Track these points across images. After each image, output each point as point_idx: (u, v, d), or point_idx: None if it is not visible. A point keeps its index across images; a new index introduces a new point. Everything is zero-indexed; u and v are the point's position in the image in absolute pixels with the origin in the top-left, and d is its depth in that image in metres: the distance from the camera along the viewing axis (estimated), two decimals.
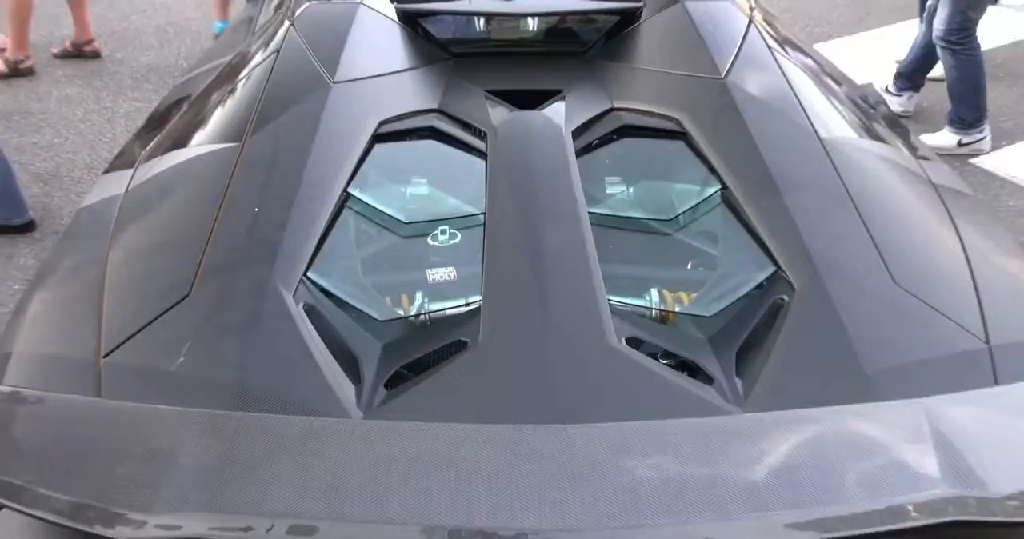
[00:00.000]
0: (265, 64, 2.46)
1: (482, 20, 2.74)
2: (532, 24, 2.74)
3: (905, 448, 1.38)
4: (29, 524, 1.57)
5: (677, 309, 1.92)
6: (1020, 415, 1.50)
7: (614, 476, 1.33)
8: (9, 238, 4.13)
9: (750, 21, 2.56)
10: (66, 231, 2.20)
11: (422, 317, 1.90)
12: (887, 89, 5.27)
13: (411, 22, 2.61)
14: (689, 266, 2.03)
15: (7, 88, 5.66)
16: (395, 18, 2.60)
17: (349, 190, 2.08)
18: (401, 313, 1.90)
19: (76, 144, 5.00)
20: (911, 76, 5.20)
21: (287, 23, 2.58)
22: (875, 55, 5.94)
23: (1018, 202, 4.41)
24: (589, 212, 1.99)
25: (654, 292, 1.95)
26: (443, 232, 2.07)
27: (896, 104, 5.17)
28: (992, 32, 5.03)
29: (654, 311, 1.92)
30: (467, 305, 1.89)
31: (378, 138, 2.22)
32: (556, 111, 2.31)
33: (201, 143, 2.29)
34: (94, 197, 2.28)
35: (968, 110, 4.81)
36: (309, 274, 1.87)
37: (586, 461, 1.34)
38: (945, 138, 4.77)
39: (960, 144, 4.77)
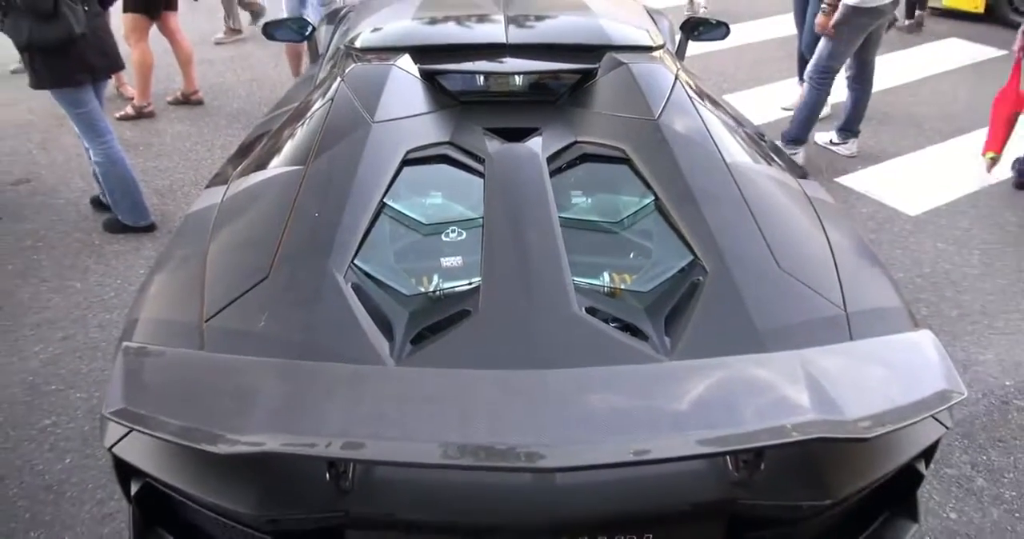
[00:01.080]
0: (323, 109, 2.45)
1: (482, 77, 2.73)
2: (518, 80, 2.74)
3: (785, 385, 1.39)
4: (151, 443, 1.59)
5: (623, 287, 1.92)
6: (868, 361, 1.51)
7: (577, 407, 1.34)
8: (137, 237, 4.13)
9: (675, 78, 2.55)
10: (177, 231, 2.19)
11: (437, 293, 1.90)
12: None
13: (430, 78, 2.60)
14: (631, 256, 2.03)
15: (135, 127, 5.64)
16: (419, 75, 2.60)
17: (385, 200, 2.08)
18: (422, 290, 1.90)
19: (185, 168, 4.98)
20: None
21: (339, 79, 2.57)
22: (767, 103, 5.96)
23: (869, 209, 4.43)
24: (559, 217, 2.00)
25: (606, 274, 1.95)
26: (453, 231, 2.07)
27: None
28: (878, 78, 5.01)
29: (606, 288, 1.93)
30: (470, 284, 1.89)
31: (406, 162, 2.22)
32: (535, 143, 2.31)
33: (276, 166, 2.28)
34: (198, 205, 2.27)
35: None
36: (355, 261, 1.87)
37: (557, 396, 1.35)
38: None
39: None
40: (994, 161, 4.52)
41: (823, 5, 4.50)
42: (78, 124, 3.86)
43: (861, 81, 4.88)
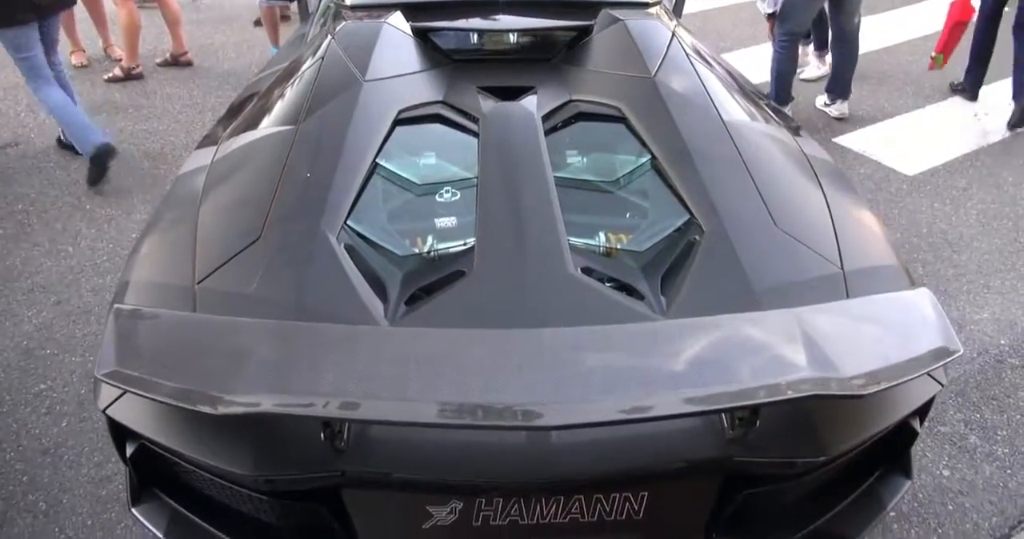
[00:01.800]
0: (313, 67, 2.41)
1: (476, 34, 2.69)
2: (512, 37, 2.69)
3: (781, 343, 1.38)
4: (145, 404, 1.58)
5: (618, 246, 1.91)
6: (864, 319, 1.50)
7: (571, 365, 1.34)
8: (129, 201, 4.09)
9: (672, 35, 2.51)
10: (168, 193, 2.16)
11: (431, 253, 1.89)
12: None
13: (423, 36, 2.56)
14: (627, 215, 2.01)
15: (123, 89, 5.56)
16: (410, 33, 2.55)
17: (377, 160, 2.05)
18: (416, 250, 1.89)
19: (176, 130, 4.92)
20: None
21: (329, 37, 2.52)
22: (764, 63, 5.88)
23: (866, 170, 4.41)
24: (554, 176, 1.98)
25: (601, 234, 1.94)
26: (447, 191, 2.05)
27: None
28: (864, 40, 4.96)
29: (601, 248, 1.91)
30: (464, 245, 1.88)
31: (398, 122, 2.19)
32: (530, 102, 2.28)
33: (267, 126, 2.25)
34: (188, 167, 2.25)
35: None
36: (348, 222, 1.86)
37: (551, 355, 1.34)
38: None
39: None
40: (935, 61, 4.85)
41: None
42: (21, 68, 3.89)
43: (842, 43, 4.82)
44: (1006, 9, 4.87)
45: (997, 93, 5.26)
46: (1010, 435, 2.70)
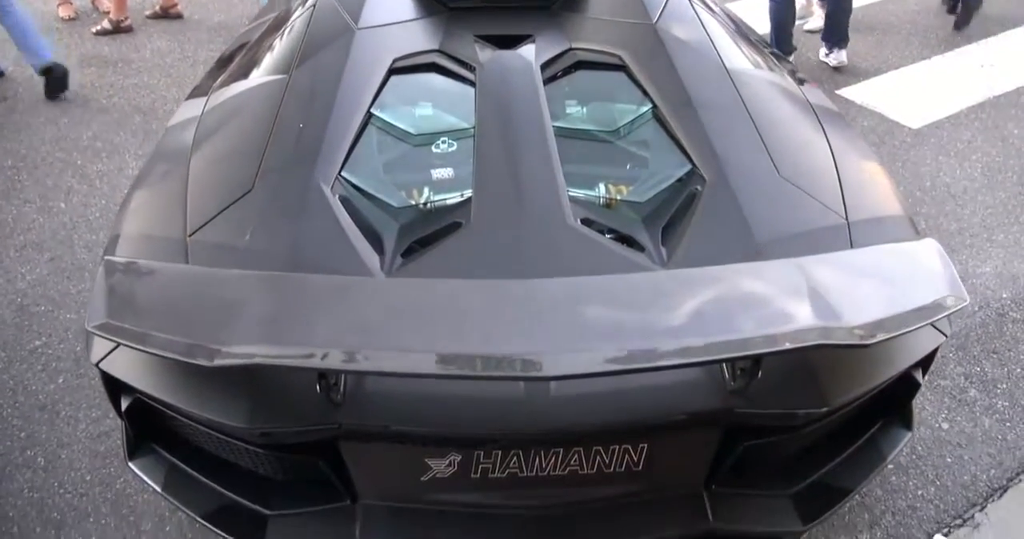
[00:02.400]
0: (305, 16, 2.35)
1: None
2: None
3: (784, 293, 1.36)
4: (139, 358, 1.57)
5: (618, 197, 1.88)
6: (868, 270, 1.47)
7: (570, 315, 1.31)
8: (120, 157, 4.03)
9: None
10: (158, 145, 2.12)
11: (428, 205, 1.86)
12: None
13: None
14: (628, 166, 1.98)
15: (112, 42, 5.46)
16: None
17: (372, 111, 2.01)
18: (412, 202, 1.86)
19: (166, 84, 4.84)
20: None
21: None
22: (766, 12, 5.78)
23: (869, 122, 4.35)
24: (553, 126, 1.94)
25: (601, 185, 1.91)
26: (443, 142, 2.01)
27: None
28: None
29: (601, 199, 1.88)
30: (461, 196, 1.85)
31: (393, 71, 2.14)
32: (528, 50, 2.23)
33: (258, 76, 2.20)
34: (177, 118, 2.21)
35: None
36: (342, 173, 1.82)
37: (548, 304, 1.32)
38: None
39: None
40: None
41: None
42: None
43: None
44: None
45: (1004, 45, 5.17)
46: (1010, 388, 2.70)
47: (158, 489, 1.73)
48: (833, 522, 2.34)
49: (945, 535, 2.29)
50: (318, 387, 1.40)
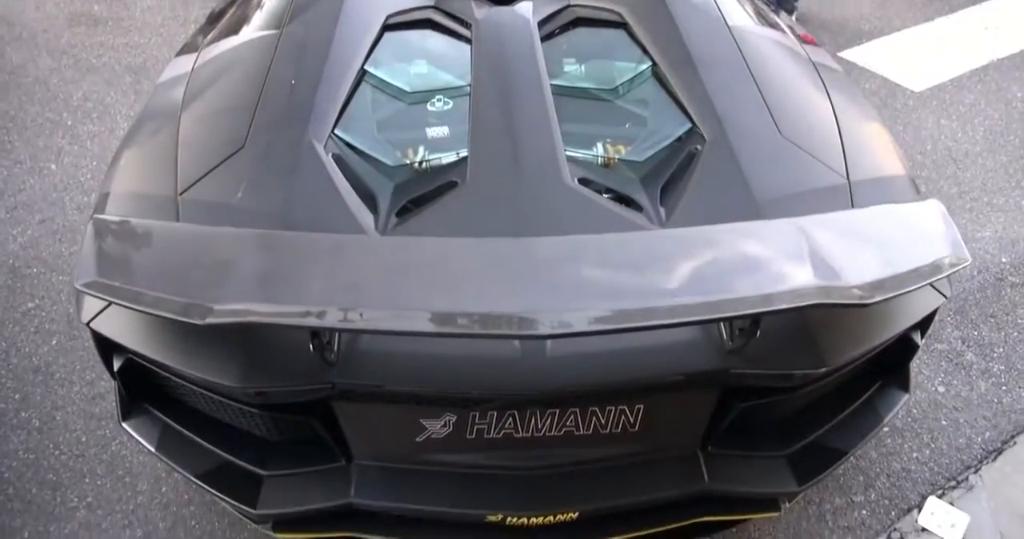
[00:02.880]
0: None
1: None
2: None
3: (783, 252, 1.34)
4: (130, 317, 1.55)
5: (617, 157, 1.86)
6: (868, 229, 1.45)
7: (566, 273, 1.29)
8: (112, 118, 3.98)
9: None
10: (147, 102, 2.08)
11: (423, 164, 1.83)
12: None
13: None
14: (627, 124, 1.95)
15: (102, 0, 5.35)
16: None
17: (365, 67, 1.97)
18: (407, 161, 1.83)
19: (157, 44, 4.75)
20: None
21: None
22: None
23: (872, 85, 4.30)
24: (550, 84, 1.90)
25: (600, 144, 1.88)
26: (438, 100, 1.97)
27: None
28: None
29: (599, 158, 1.86)
30: (457, 155, 1.82)
31: (387, 28, 2.10)
32: (525, 7, 2.18)
33: (249, 31, 2.16)
34: (167, 75, 2.16)
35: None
36: (336, 131, 1.79)
37: (544, 263, 1.30)
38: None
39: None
40: None
41: None
42: None
43: None
44: None
45: (1008, 7, 5.10)
46: (1007, 352, 2.71)
47: (152, 449, 1.73)
48: (828, 483, 2.35)
49: (939, 497, 2.31)
50: (311, 346, 1.38)
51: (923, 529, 2.24)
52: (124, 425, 1.75)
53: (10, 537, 2.22)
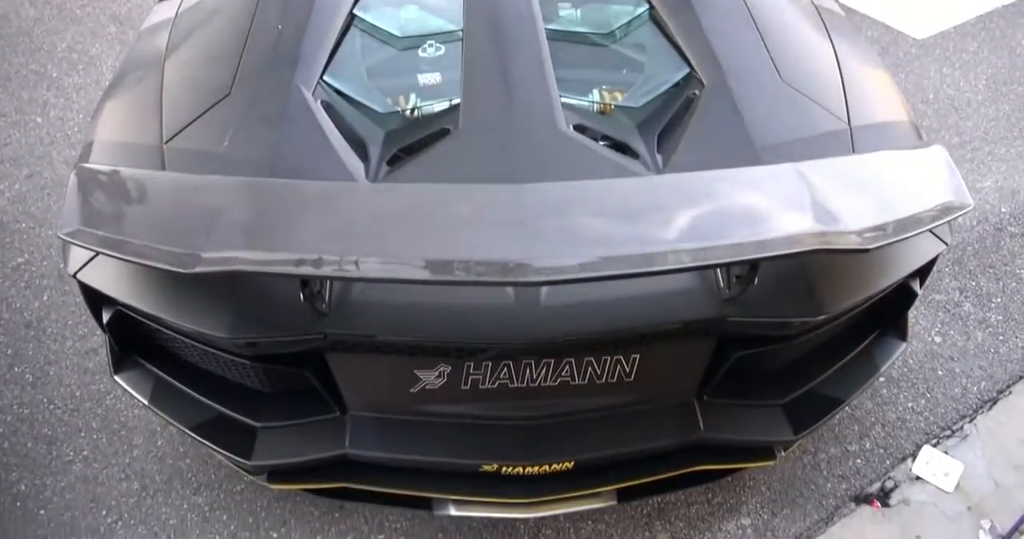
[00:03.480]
0: None
1: None
2: None
3: (781, 198, 1.31)
4: (118, 268, 1.53)
5: (613, 103, 1.82)
6: (869, 175, 1.42)
7: (560, 219, 1.26)
8: (98, 69, 3.90)
9: None
10: (131, 49, 2.03)
11: (414, 111, 1.79)
12: None
13: None
14: (623, 70, 1.90)
15: None
16: None
17: (355, 12, 1.92)
18: (398, 108, 1.79)
19: None
20: None
21: None
22: None
23: (874, 33, 4.22)
24: (545, 29, 1.85)
25: (595, 90, 1.84)
26: (430, 46, 1.92)
27: None
28: None
29: (595, 105, 1.82)
30: (449, 102, 1.78)
31: None
32: None
33: None
34: (151, 21, 2.10)
35: None
36: (324, 77, 1.75)
37: (538, 209, 1.26)
38: None
39: None
40: None
41: None
42: None
43: None
44: None
45: None
46: (1005, 302, 2.70)
47: (145, 402, 1.72)
48: (823, 433, 2.36)
49: (933, 446, 2.33)
50: (302, 296, 1.36)
51: (917, 477, 2.26)
52: (116, 378, 1.74)
53: (6, 491, 2.23)
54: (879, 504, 2.21)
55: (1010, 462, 2.28)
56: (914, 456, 2.30)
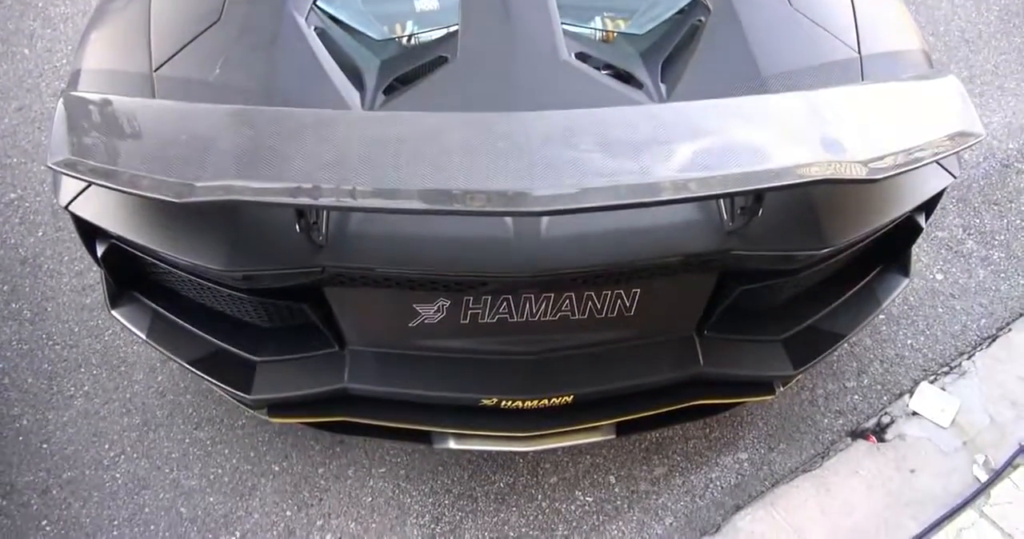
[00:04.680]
0: None
1: None
2: None
3: (788, 127, 1.28)
4: (112, 199, 1.50)
5: (616, 31, 1.77)
6: (878, 104, 1.38)
7: (561, 148, 1.23)
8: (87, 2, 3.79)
9: None
10: None
11: (411, 39, 1.74)
12: None
13: None
14: None
15: None
16: None
17: None
18: (394, 36, 1.74)
19: None
20: None
21: None
22: None
23: None
24: None
25: (598, 18, 1.79)
26: None
27: None
28: None
29: (598, 33, 1.77)
30: (447, 29, 1.73)
31: None
32: None
33: None
34: None
35: None
36: (318, 3, 1.69)
37: (538, 138, 1.23)
38: None
39: None
40: None
41: None
42: None
43: None
44: None
45: None
46: (1008, 239, 2.68)
47: (143, 337, 1.71)
48: (821, 369, 2.38)
49: (931, 382, 2.34)
50: (298, 227, 1.33)
51: (913, 413, 2.28)
52: (114, 313, 1.74)
53: (9, 425, 2.25)
54: (875, 439, 2.23)
55: (1007, 398, 2.30)
56: (911, 392, 2.32)
